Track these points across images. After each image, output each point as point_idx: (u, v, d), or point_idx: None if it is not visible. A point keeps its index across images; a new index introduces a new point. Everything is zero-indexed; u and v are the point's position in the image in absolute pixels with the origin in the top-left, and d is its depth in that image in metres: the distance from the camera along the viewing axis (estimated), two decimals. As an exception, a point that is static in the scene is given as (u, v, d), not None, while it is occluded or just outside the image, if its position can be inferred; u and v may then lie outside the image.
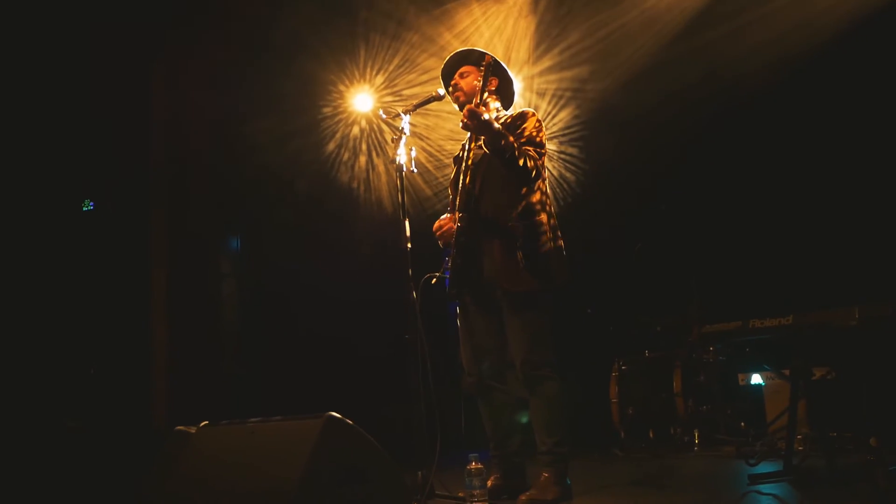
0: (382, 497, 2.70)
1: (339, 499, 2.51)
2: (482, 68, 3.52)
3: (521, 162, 3.42)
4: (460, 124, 3.47)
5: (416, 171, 3.52)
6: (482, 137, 3.45)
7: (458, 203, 3.60)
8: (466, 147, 3.67)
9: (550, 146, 5.69)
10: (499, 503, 3.21)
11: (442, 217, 3.73)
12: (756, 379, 5.20)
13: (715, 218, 5.78)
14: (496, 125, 3.44)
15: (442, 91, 3.79)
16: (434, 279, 3.56)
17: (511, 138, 3.45)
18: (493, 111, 3.73)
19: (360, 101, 5.56)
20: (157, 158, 5.94)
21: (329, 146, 5.94)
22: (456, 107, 3.79)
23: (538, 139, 3.59)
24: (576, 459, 3.58)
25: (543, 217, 3.57)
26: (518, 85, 3.91)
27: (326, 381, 5.75)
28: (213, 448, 2.84)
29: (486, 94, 3.51)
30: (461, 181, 3.61)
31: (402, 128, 3.57)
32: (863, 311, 3.05)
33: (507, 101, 3.84)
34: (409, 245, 3.44)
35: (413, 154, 3.51)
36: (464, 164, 3.62)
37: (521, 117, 3.65)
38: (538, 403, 3.49)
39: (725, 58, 5.01)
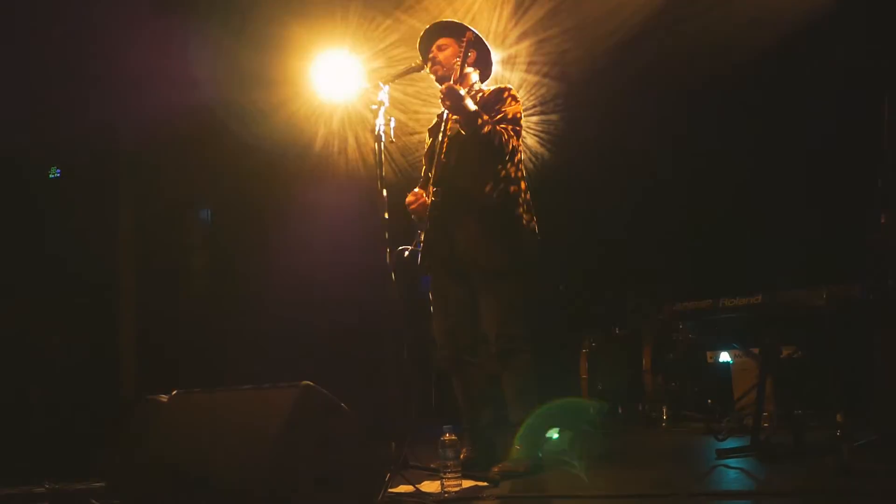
0: (356, 467, 2.70)
1: (312, 468, 2.51)
2: (462, 42, 3.49)
3: (496, 141, 3.41)
4: (440, 100, 3.46)
5: (394, 141, 3.49)
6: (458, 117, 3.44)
7: (432, 176, 3.58)
8: (444, 119, 3.64)
9: (526, 119, 5.63)
10: (471, 475, 3.22)
11: (415, 190, 3.71)
12: (724, 357, 5.27)
13: (687, 196, 5.82)
14: (472, 105, 3.42)
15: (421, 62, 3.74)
16: (407, 252, 3.55)
17: (486, 117, 3.44)
18: (474, 83, 3.71)
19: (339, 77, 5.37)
20: (126, 128, 5.84)
21: (307, 118, 5.83)
22: (434, 79, 3.74)
23: (515, 117, 3.58)
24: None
25: (518, 193, 3.58)
26: (497, 57, 3.89)
27: (300, 351, 5.73)
28: (185, 417, 2.82)
29: (464, 70, 3.50)
30: (437, 154, 3.59)
31: (381, 98, 3.53)
32: (831, 291, 3.10)
33: (485, 73, 3.82)
34: (386, 216, 3.41)
35: (392, 124, 3.48)
36: (441, 136, 3.60)
37: (499, 93, 3.63)
38: (510, 377, 3.52)
39: (707, 33, 4.97)
